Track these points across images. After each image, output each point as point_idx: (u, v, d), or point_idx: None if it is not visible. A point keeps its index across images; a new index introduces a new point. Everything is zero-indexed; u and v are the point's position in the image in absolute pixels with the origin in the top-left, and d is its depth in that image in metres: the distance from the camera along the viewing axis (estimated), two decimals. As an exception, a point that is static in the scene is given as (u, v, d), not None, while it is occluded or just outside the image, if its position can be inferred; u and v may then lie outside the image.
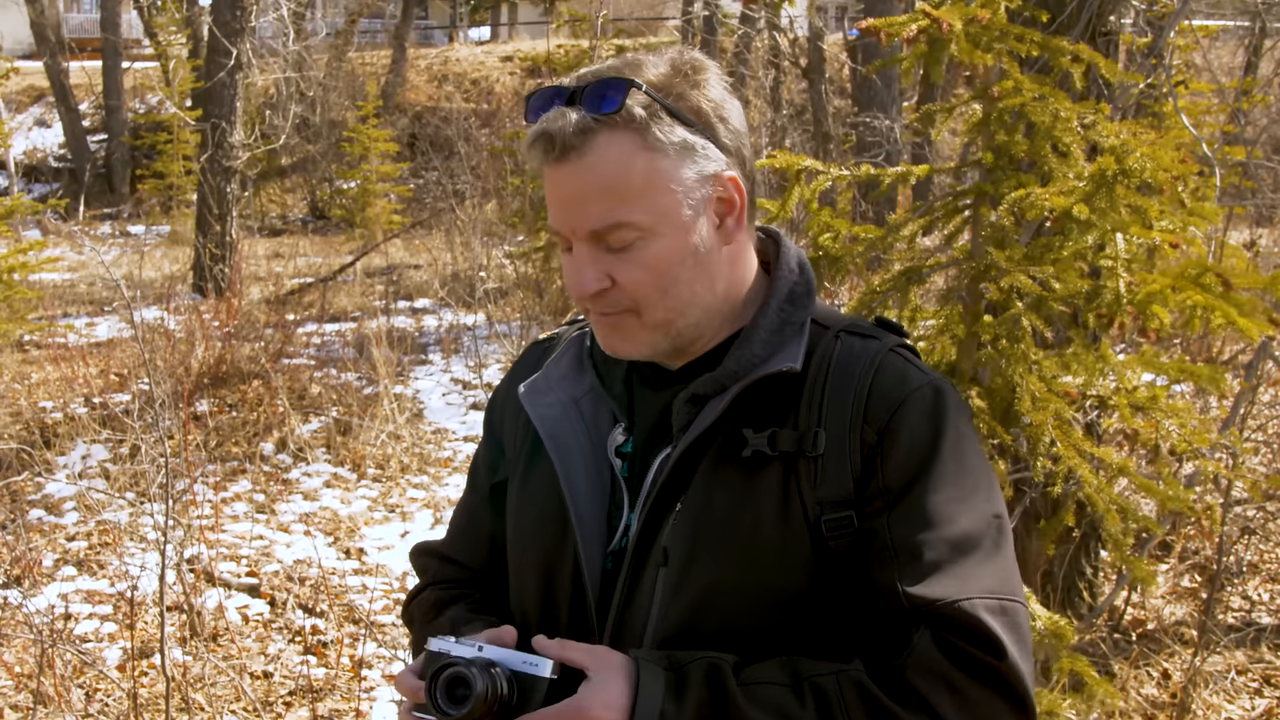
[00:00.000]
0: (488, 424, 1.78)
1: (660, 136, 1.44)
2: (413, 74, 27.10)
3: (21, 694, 4.59)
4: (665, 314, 1.49)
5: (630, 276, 1.46)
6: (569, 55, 12.46)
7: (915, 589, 1.38)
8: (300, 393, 8.77)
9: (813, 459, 1.45)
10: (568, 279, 1.50)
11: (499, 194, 16.89)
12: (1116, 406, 3.43)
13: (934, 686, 1.34)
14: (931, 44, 3.21)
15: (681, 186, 1.46)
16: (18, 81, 25.39)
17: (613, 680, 1.36)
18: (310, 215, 23.24)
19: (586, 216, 1.44)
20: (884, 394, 1.46)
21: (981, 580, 1.39)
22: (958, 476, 1.45)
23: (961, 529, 1.42)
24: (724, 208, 1.51)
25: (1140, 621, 5.18)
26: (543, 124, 1.44)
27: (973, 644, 1.35)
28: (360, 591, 5.64)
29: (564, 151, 1.43)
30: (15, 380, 9.24)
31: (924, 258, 3.56)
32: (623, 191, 1.43)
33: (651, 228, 1.45)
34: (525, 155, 1.50)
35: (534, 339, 1.86)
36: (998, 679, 1.36)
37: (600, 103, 1.43)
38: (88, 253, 16.28)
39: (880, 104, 14.03)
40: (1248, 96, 12.04)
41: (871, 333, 1.54)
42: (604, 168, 1.43)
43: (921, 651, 1.36)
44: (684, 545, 1.46)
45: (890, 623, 1.40)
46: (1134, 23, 5.07)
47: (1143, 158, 3.07)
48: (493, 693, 1.36)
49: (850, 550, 1.44)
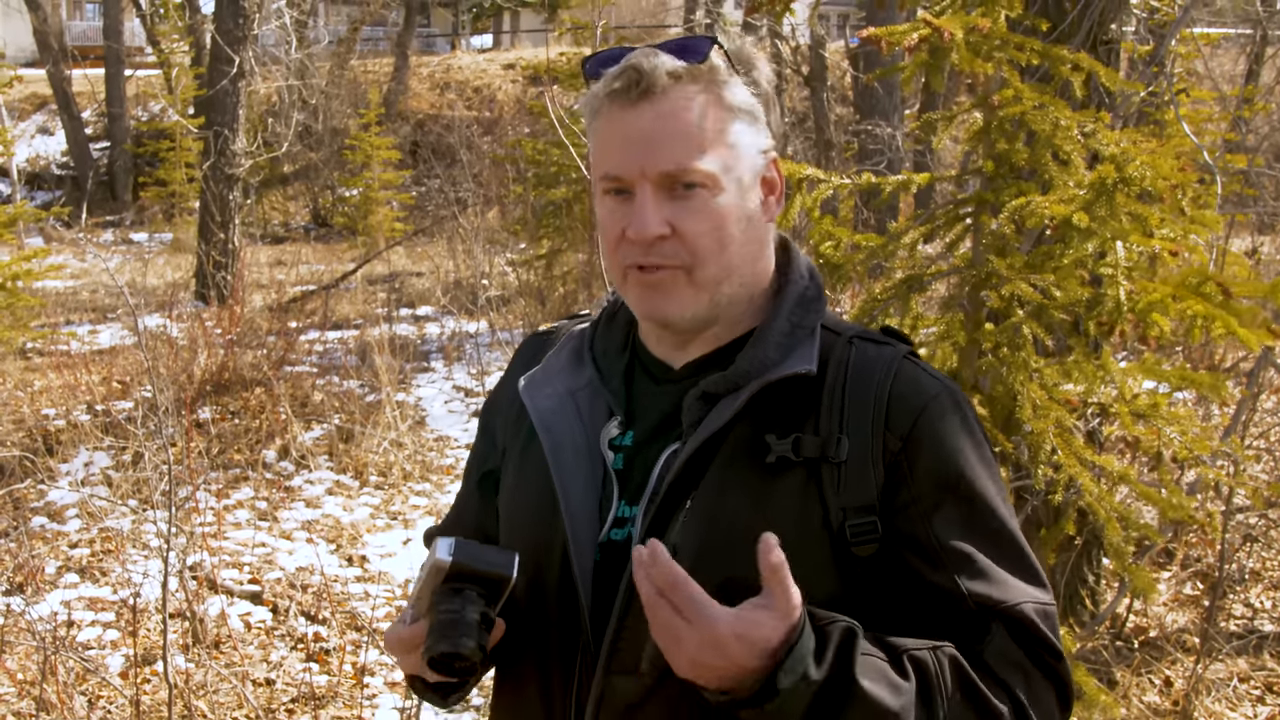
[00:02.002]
0: (483, 416, 1.80)
1: (736, 96, 1.49)
2: (415, 82, 27.15)
3: (24, 701, 4.59)
4: (717, 271, 1.49)
5: (692, 226, 1.47)
6: (571, 63, 12.46)
7: (980, 590, 1.45)
8: (303, 400, 8.78)
9: (835, 465, 1.46)
10: (620, 228, 1.49)
11: (501, 201, 16.91)
12: (1118, 414, 3.43)
13: (1013, 673, 1.43)
14: (933, 52, 3.22)
15: (745, 150, 1.50)
16: (21, 89, 25.45)
17: (771, 622, 1.31)
18: (313, 223, 23.27)
19: (661, 157, 1.45)
20: (904, 401, 1.48)
21: (1026, 586, 1.48)
22: (988, 478, 1.50)
23: (1004, 528, 1.50)
24: (768, 186, 1.55)
25: (1142, 629, 5.18)
26: (632, 59, 1.46)
27: (1036, 643, 1.45)
28: (363, 599, 5.64)
29: (648, 90, 1.45)
30: (18, 387, 9.25)
31: (925, 266, 3.57)
32: (698, 139, 1.46)
33: (718, 180, 1.47)
34: (593, 101, 1.51)
35: (534, 331, 1.87)
36: (1055, 674, 1.46)
37: (689, 53, 1.47)
38: (90, 260, 16.31)
39: (882, 112, 14.05)
40: (1249, 104, 12.06)
41: (883, 340, 1.56)
42: (686, 113, 1.46)
43: (1000, 641, 1.44)
44: (694, 543, 1.46)
45: (957, 619, 1.45)
46: (1135, 31, 5.08)
47: (1143, 166, 3.08)
48: (479, 645, 1.42)
49: (878, 556, 1.47)
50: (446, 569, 1.43)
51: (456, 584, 1.43)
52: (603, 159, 1.50)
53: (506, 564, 1.45)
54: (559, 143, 11.21)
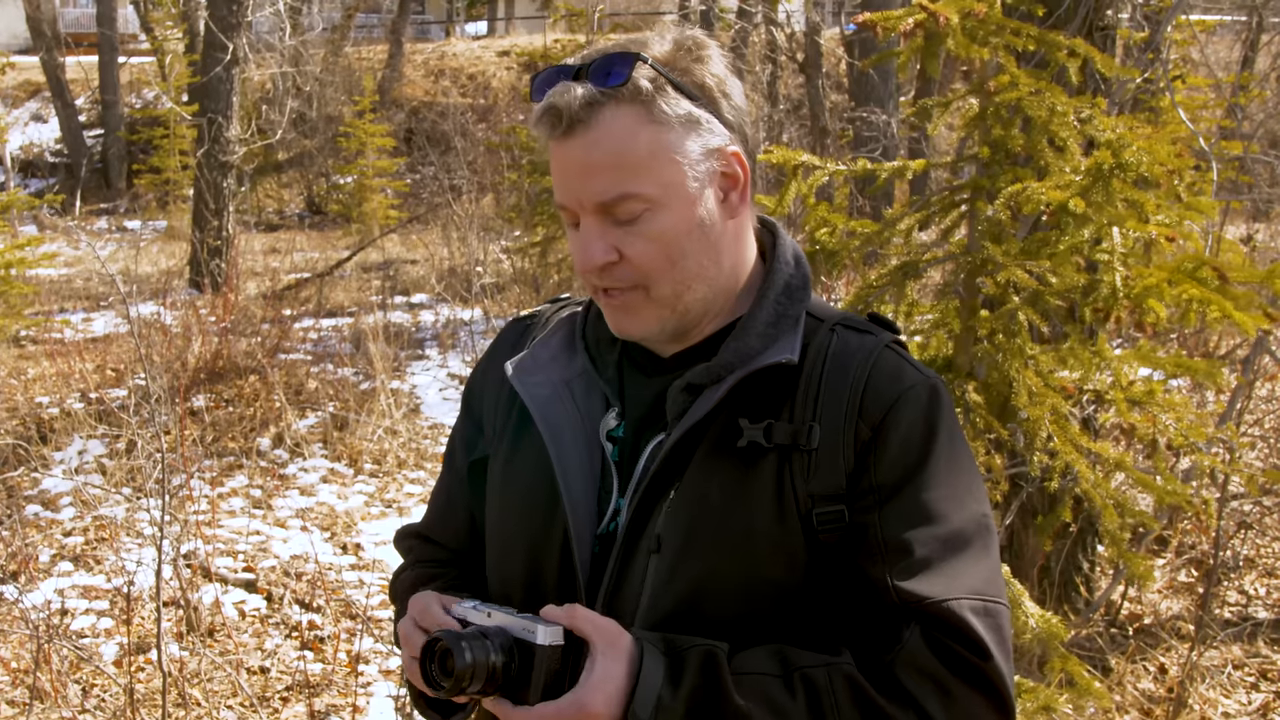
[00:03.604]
0: (466, 402, 1.78)
1: (665, 109, 1.45)
2: (409, 69, 27.05)
3: (18, 689, 4.59)
4: (673, 287, 1.49)
5: (638, 249, 1.47)
6: (566, 50, 12.44)
7: (905, 584, 1.41)
8: (297, 388, 8.76)
9: (807, 452, 1.46)
10: (575, 254, 1.51)
11: (496, 189, 16.88)
12: (1113, 401, 3.43)
13: (921, 684, 1.37)
14: (928, 38, 3.21)
15: (687, 159, 1.47)
16: (14, 76, 25.35)
17: (614, 667, 1.36)
18: (307, 210, 23.21)
19: (593, 189, 1.45)
20: (879, 391, 1.48)
21: (968, 580, 1.42)
22: (950, 475, 1.47)
23: (952, 527, 1.44)
24: (728, 182, 1.52)
25: (1137, 616, 5.18)
26: (549, 99, 1.45)
27: (959, 644, 1.39)
28: (357, 587, 5.63)
29: (571, 125, 1.44)
30: (12, 376, 9.23)
31: (920, 252, 3.56)
32: (629, 163, 1.44)
33: (658, 199, 1.46)
34: (533, 132, 1.51)
35: (514, 317, 1.86)
36: (982, 679, 1.39)
37: (606, 77, 1.44)
38: (84, 248, 16.26)
39: (877, 99, 14.01)
40: (1245, 91, 12.05)
41: (866, 328, 1.55)
42: (610, 140, 1.44)
43: (911, 649, 1.38)
44: (678, 533, 1.47)
45: (880, 617, 1.42)
46: (1131, 17, 5.06)
47: (1139, 152, 3.07)
48: (481, 666, 1.38)
49: (840, 544, 1.46)
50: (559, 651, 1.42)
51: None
52: (555, 187, 1.51)
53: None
54: (554, 130, 11.17)
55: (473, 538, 1.73)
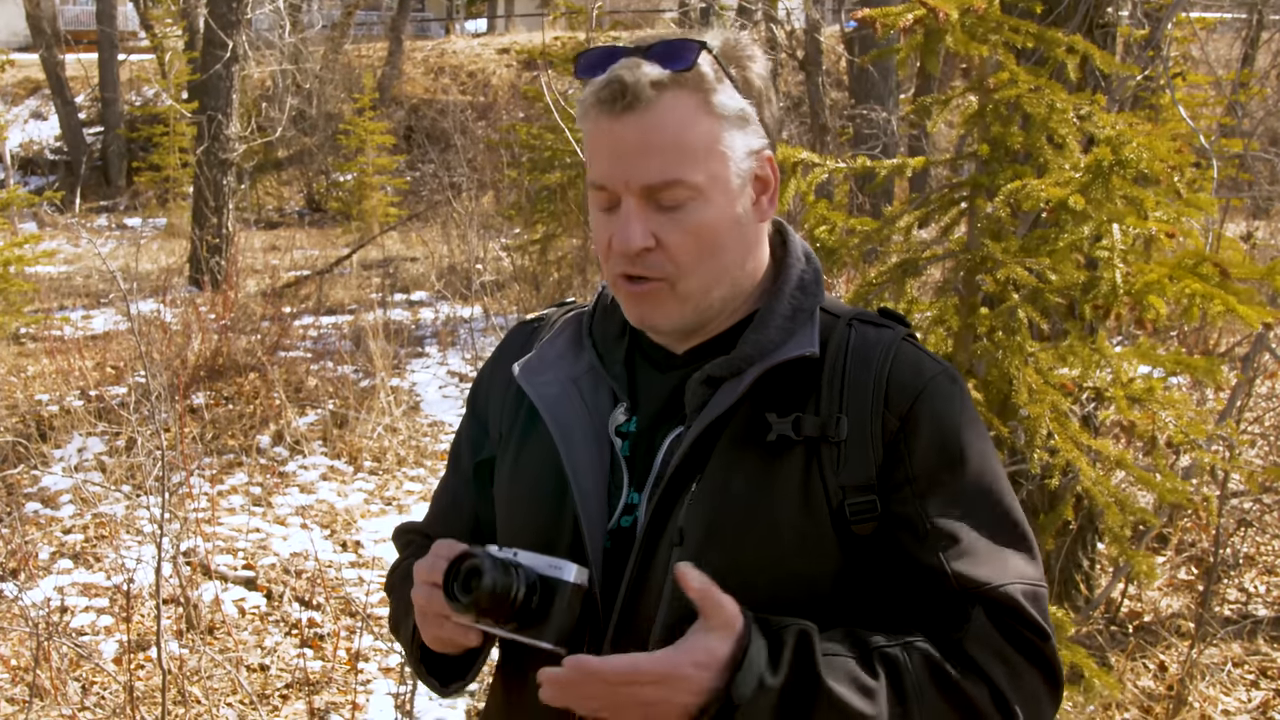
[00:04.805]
0: (471, 403, 1.78)
1: (723, 102, 1.46)
2: (409, 66, 27.03)
3: (18, 687, 4.59)
4: (700, 282, 1.49)
5: (675, 239, 1.46)
6: (565, 47, 12.41)
7: (964, 570, 1.44)
8: (297, 385, 8.76)
9: (835, 444, 1.47)
10: (605, 237, 1.50)
11: (496, 186, 16.88)
12: (1113, 398, 3.43)
13: (991, 659, 1.41)
14: (927, 35, 3.21)
15: (733, 155, 1.47)
16: (13, 74, 25.32)
17: (715, 641, 1.34)
18: (307, 208, 23.19)
19: (645, 170, 1.44)
20: (903, 382, 1.49)
21: (1017, 565, 1.47)
22: (983, 461, 1.51)
23: (995, 513, 1.49)
24: (760, 185, 1.53)
25: (1137, 614, 5.18)
26: (616, 71, 1.44)
27: (1021, 625, 1.43)
28: (357, 584, 5.63)
29: (633, 102, 1.43)
30: (11, 373, 9.23)
31: (920, 250, 3.56)
32: (685, 149, 1.44)
33: (704, 190, 1.45)
34: (582, 106, 1.50)
35: (520, 320, 1.86)
36: (1042, 658, 1.44)
37: (674, 60, 1.44)
38: (84, 245, 16.25)
39: (877, 96, 14.00)
40: (1245, 89, 12.05)
41: (882, 322, 1.57)
42: (670, 124, 1.43)
43: (979, 627, 1.42)
44: (701, 526, 1.46)
45: (940, 600, 1.44)
46: (1131, 15, 5.05)
47: (1139, 148, 3.06)
48: (503, 587, 1.40)
49: (876, 534, 1.47)
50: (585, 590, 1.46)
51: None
52: (592, 166, 1.50)
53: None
54: (554, 127, 11.19)
55: (475, 539, 1.72)
